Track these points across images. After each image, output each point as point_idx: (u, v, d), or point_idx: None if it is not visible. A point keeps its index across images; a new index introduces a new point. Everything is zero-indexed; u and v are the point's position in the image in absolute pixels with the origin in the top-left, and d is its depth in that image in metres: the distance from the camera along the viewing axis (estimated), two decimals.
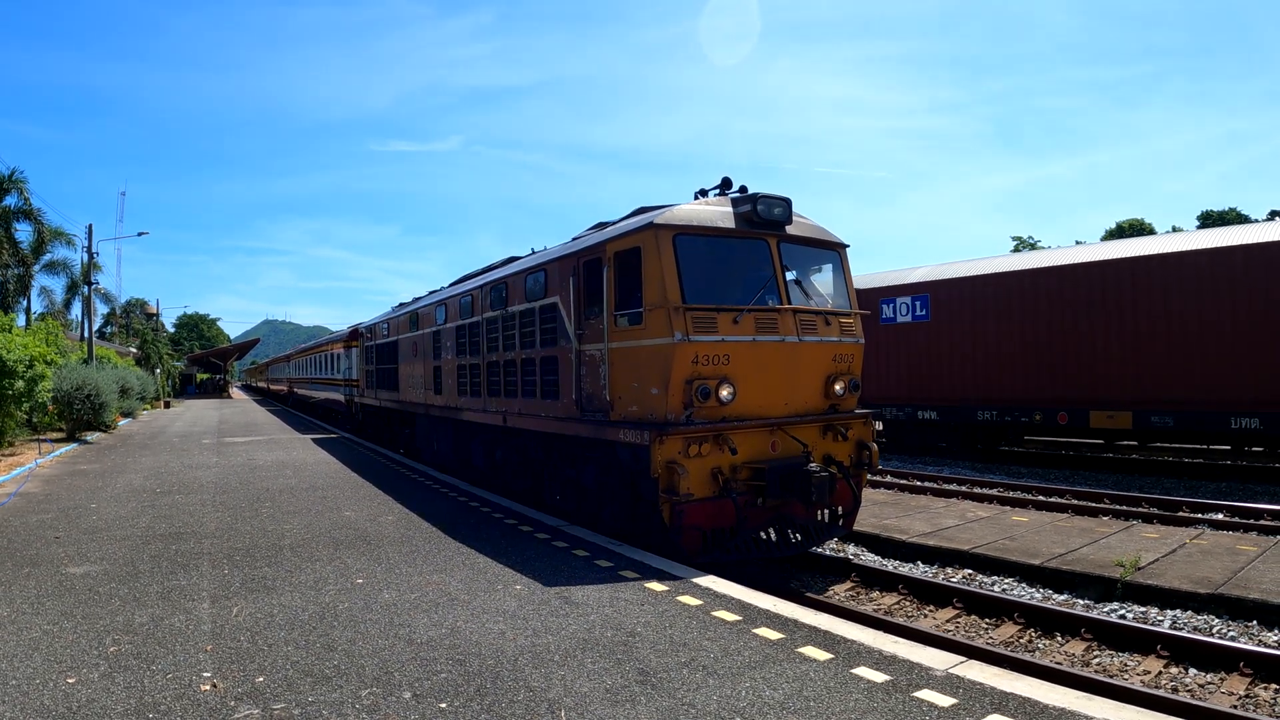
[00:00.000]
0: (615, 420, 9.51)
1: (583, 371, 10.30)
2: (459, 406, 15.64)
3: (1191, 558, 9.58)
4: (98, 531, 10.14)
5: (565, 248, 11.31)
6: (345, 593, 7.20)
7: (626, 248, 9.40)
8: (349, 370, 30.60)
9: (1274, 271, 15.32)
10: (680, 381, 8.67)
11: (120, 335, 71.67)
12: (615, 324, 9.53)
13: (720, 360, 8.84)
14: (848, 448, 10.04)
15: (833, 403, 10.03)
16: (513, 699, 4.83)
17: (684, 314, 8.66)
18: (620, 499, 9.94)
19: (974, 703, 4.70)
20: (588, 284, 10.28)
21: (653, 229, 8.92)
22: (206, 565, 8.32)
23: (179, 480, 15.09)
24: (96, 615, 6.61)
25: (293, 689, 5.01)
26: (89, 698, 4.91)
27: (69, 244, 43.98)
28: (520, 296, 12.42)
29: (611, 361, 9.62)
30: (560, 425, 10.90)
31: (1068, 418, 18.43)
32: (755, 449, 9.12)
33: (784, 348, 9.31)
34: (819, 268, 10.50)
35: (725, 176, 10.03)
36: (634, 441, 8.86)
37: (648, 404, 9.02)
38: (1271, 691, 6.54)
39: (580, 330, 10.33)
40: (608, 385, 9.68)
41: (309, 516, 11.03)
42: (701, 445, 8.68)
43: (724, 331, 8.87)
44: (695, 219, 9.22)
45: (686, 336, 8.59)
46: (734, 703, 4.73)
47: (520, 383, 12.40)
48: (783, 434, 9.36)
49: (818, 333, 9.64)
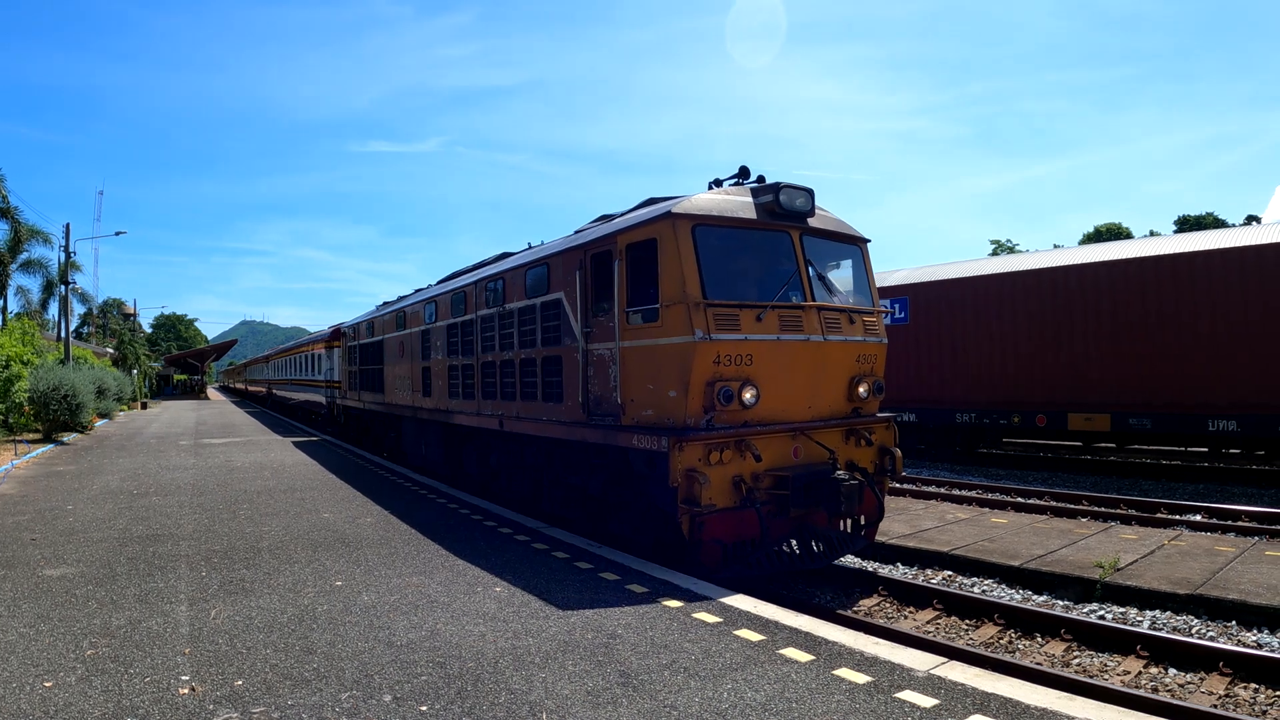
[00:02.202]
0: (627, 425, 8.93)
1: (590, 372, 9.68)
2: (450, 409, 14.98)
3: (1170, 559, 9.65)
4: (74, 533, 10.04)
5: (570, 240, 10.70)
6: (324, 595, 7.15)
7: (640, 239, 8.81)
8: (330, 372, 30.14)
9: (1251, 275, 15.47)
10: (700, 383, 8.09)
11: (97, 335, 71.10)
12: (627, 321, 8.92)
13: (743, 360, 8.28)
14: (870, 453, 9.53)
15: (856, 405, 9.53)
16: (494, 701, 4.80)
17: (704, 310, 8.09)
18: (632, 509, 9.43)
19: (956, 703, 4.71)
20: (596, 279, 9.65)
21: (670, 219, 8.33)
22: (184, 567, 8.25)
23: (156, 482, 14.96)
24: (73, 618, 6.54)
25: (272, 692, 4.97)
26: (66, 701, 4.85)
27: (46, 242, 43.67)
28: (520, 293, 11.82)
29: (623, 362, 9.01)
30: (564, 430, 10.30)
31: (1046, 420, 18.55)
32: (777, 456, 8.56)
33: (809, 347, 8.77)
34: (840, 263, 9.90)
35: (743, 166, 9.47)
36: (649, 448, 8.30)
37: (664, 407, 8.43)
38: (1251, 691, 6.59)
39: (587, 328, 9.71)
40: (619, 387, 9.07)
41: (287, 518, 10.95)
42: (723, 452, 8.11)
43: (747, 330, 8.30)
44: (715, 209, 8.62)
45: (707, 335, 8.02)
46: (715, 704, 4.72)
47: (519, 384, 11.80)
48: (806, 439, 8.86)
49: (842, 331, 9.12)
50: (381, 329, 20.86)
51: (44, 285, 46.39)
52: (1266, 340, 15.22)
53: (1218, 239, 16.72)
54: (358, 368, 23.83)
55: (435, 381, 15.89)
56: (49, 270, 45.07)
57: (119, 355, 62.29)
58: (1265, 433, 15.38)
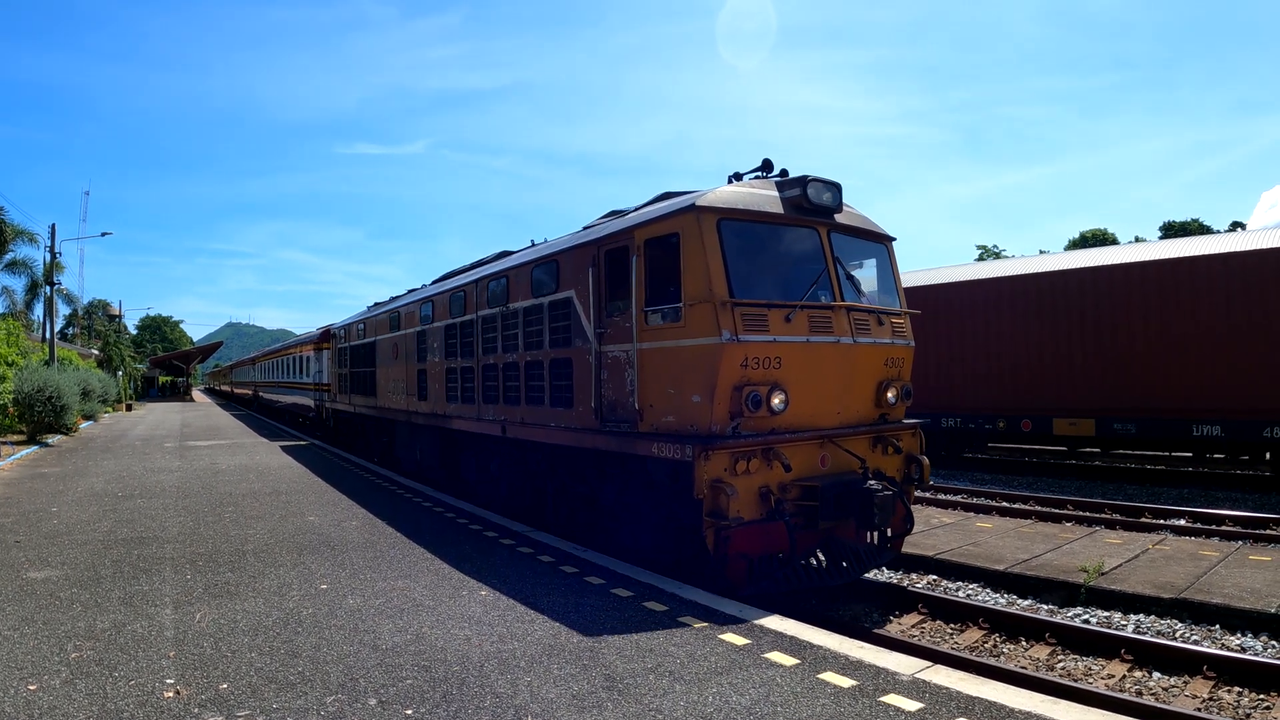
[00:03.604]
0: (645, 432, 8.40)
1: (604, 376, 9.13)
2: (448, 414, 14.34)
3: (1154, 563, 9.70)
4: (59, 536, 9.97)
5: (581, 235, 10.16)
6: (309, 598, 7.12)
7: (661, 234, 8.30)
8: (319, 374, 29.70)
9: (1235, 281, 15.58)
10: (727, 387, 7.58)
11: (82, 337, 70.71)
12: (646, 322, 8.39)
13: (771, 364, 7.79)
14: (898, 461, 9.12)
15: (883, 411, 9.08)
16: (479, 705, 4.80)
17: (732, 310, 7.57)
18: (647, 521, 8.91)
19: (940, 707, 4.73)
20: (610, 276, 9.14)
21: (695, 212, 7.84)
22: (169, 570, 8.21)
23: (141, 484, 14.88)
24: (58, 621, 6.50)
25: (257, 695, 4.95)
26: (50, 705, 4.82)
27: (32, 242, 43.36)
28: (525, 291, 11.19)
29: (641, 365, 8.48)
30: (575, 437, 9.72)
31: (1031, 425, 18.63)
32: (805, 465, 8.10)
33: (839, 350, 8.30)
34: (866, 262, 9.45)
35: (766, 159, 8.93)
36: (672, 457, 7.79)
37: (687, 413, 7.91)
38: (1235, 695, 6.63)
39: (601, 329, 9.17)
40: (636, 392, 8.54)
41: (272, 521, 10.91)
42: (750, 461, 7.63)
43: (776, 331, 7.80)
44: (741, 202, 8.14)
45: (735, 336, 7.50)
46: (701, 708, 4.72)
47: (524, 388, 11.19)
48: (834, 447, 8.40)
49: (871, 334, 8.66)
50: (374, 330, 20.23)
51: (29, 286, 46.07)
52: (1250, 346, 15.33)
53: (1202, 245, 16.87)
54: (349, 370, 23.18)
55: (432, 385, 15.35)
56: (34, 270, 44.75)
57: (104, 357, 61.91)
58: (1249, 437, 15.49)
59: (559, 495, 11.00)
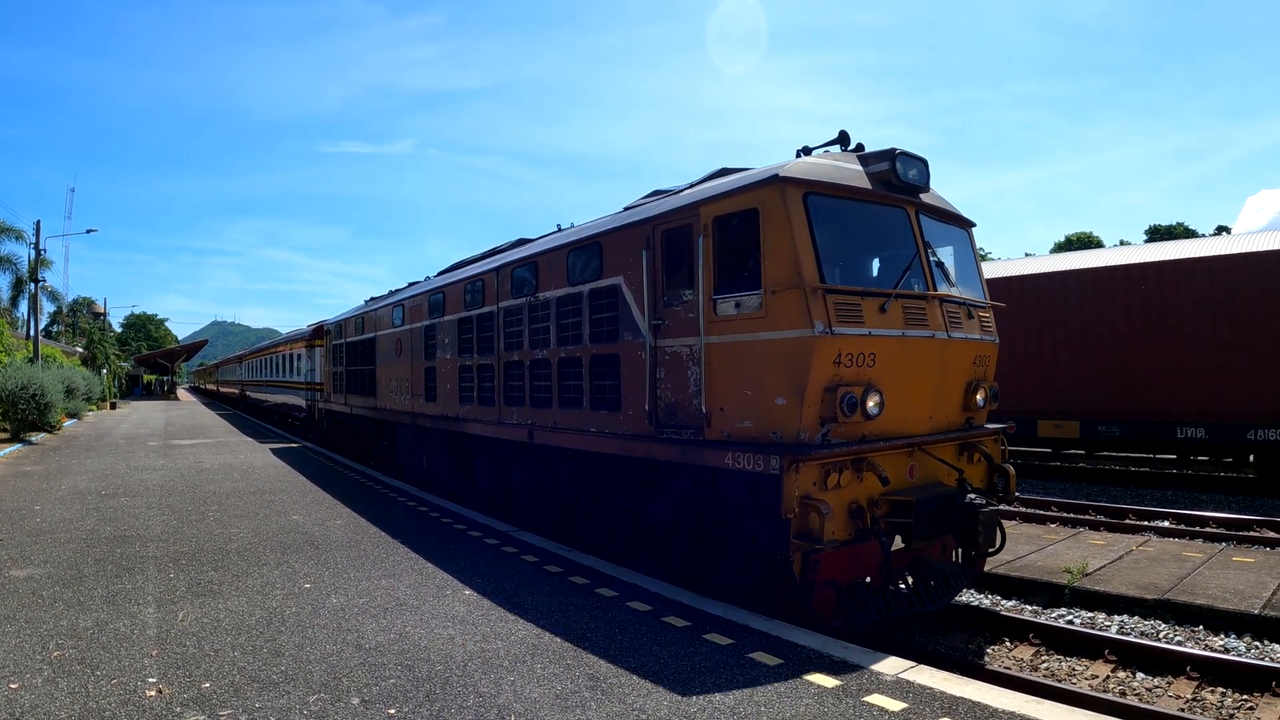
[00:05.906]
0: (715, 440, 7.31)
1: (661, 375, 8.03)
2: (461, 416, 13.06)
3: (1138, 564, 9.75)
4: (42, 534, 9.91)
5: (630, 214, 9.04)
6: (293, 597, 7.10)
7: (734, 210, 7.23)
8: (311, 373, 28.59)
9: (1220, 285, 15.66)
10: (819, 388, 6.55)
11: (67, 334, 70.25)
12: (715, 312, 7.30)
13: (865, 361, 6.76)
14: (982, 470, 8.17)
15: (969, 415, 8.17)
16: (462, 704, 4.78)
17: (824, 298, 6.58)
18: (712, 542, 7.79)
19: (924, 707, 4.73)
20: (668, 260, 8.07)
21: (779, 184, 6.81)
22: (152, 569, 8.16)
23: (125, 483, 14.80)
24: (40, 619, 6.46)
25: (239, 695, 4.92)
26: (32, 703, 4.79)
27: (18, 238, 43.10)
28: (559, 279, 9.97)
29: (709, 361, 7.37)
30: (623, 445, 8.56)
31: (1016, 427, 18.66)
32: (894, 477, 6.98)
33: (934, 346, 7.37)
34: (947, 248, 8.37)
35: (842, 130, 7.92)
36: (753, 469, 6.70)
37: (769, 418, 6.82)
38: (1218, 695, 6.66)
39: (657, 321, 8.07)
40: (703, 393, 7.43)
41: (256, 520, 10.87)
42: (841, 474, 6.61)
43: (870, 323, 6.82)
44: (828, 175, 7.13)
45: (829, 329, 6.49)
46: (684, 708, 4.72)
47: (556, 388, 9.98)
48: (923, 455, 7.43)
49: (963, 328, 7.74)
50: (374, 325, 18.75)
51: (13, 283, 45.87)
52: (1234, 349, 15.41)
53: (1186, 249, 16.96)
54: (344, 368, 21.73)
55: (442, 384, 14.01)
56: (19, 267, 44.50)
57: (88, 354, 61.54)
58: (1233, 440, 15.57)
59: (593, 510, 9.94)
